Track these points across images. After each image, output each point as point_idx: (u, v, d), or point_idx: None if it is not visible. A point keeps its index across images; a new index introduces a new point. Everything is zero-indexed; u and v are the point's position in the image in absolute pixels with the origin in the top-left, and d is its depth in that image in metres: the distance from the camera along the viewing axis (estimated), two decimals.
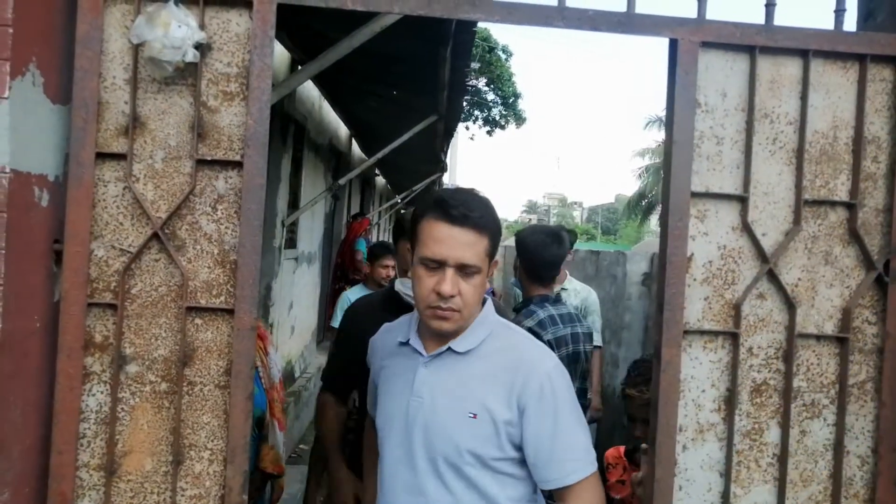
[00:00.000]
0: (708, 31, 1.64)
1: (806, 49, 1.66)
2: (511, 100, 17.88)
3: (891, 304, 1.68)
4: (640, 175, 32.63)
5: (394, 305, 2.24)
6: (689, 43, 1.63)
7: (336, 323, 4.54)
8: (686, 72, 1.64)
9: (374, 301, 2.47)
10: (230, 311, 1.55)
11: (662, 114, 30.08)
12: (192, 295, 1.55)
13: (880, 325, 1.70)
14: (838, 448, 1.69)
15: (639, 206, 32.43)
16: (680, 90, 1.64)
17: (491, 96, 17.74)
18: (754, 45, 1.65)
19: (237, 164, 1.55)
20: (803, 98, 1.68)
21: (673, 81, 1.65)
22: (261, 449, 2.29)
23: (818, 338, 1.70)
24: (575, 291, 4.23)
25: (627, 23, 1.63)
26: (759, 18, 1.70)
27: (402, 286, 2.26)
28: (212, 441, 1.56)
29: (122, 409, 1.54)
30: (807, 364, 1.70)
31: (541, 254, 2.91)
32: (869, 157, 1.71)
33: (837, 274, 1.71)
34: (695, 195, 1.66)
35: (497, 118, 18.30)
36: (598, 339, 4.07)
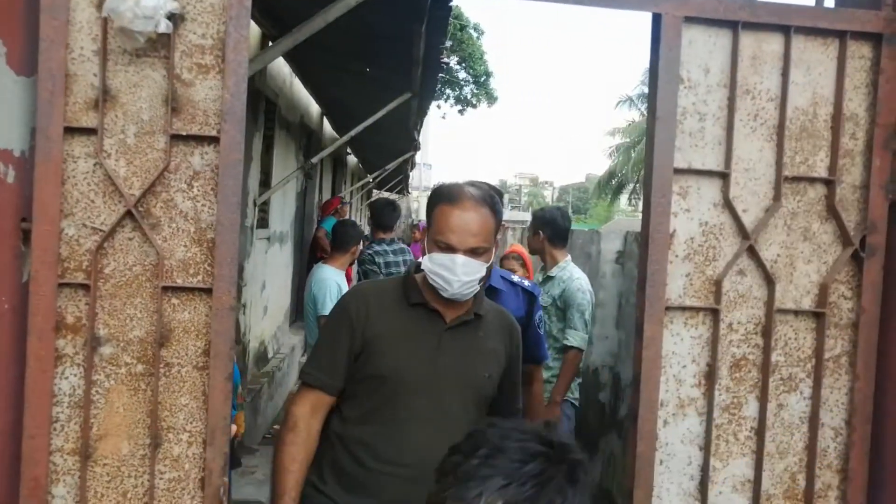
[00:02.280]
0: (692, 6, 1.62)
1: (788, 25, 1.66)
2: (482, 78, 17.82)
3: (866, 280, 1.71)
4: (610, 154, 32.81)
5: (414, 294, 1.82)
6: (672, 17, 1.62)
7: (326, 310, 3.85)
8: (669, 47, 1.62)
9: (386, 287, 1.95)
10: (208, 291, 1.51)
11: (633, 93, 30.30)
12: (168, 274, 1.51)
13: (855, 300, 1.73)
14: (813, 420, 1.73)
15: (609, 186, 32.64)
16: (663, 65, 1.63)
17: (462, 75, 17.66)
18: (737, 20, 1.64)
19: (213, 140, 1.51)
20: (784, 74, 1.69)
21: (656, 57, 1.64)
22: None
23: (796, 313, 1.72)
24: (560, 281, 3.67)
25: None
26: None
27: (431, 262, 1.73)
28: (190, 423, 1.52)
29: (97, 391, 1.50)
30: (785, 339, 1.72)
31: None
32: (847, 134, 1.72)
33: (815, 250, 1.73)
34: (677, 171, 1.66)
35: (468, 97, 18.23)
36: (573, 339, 3.57)
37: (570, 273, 3.72)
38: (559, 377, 3.58)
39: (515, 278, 2.70)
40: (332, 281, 4.01)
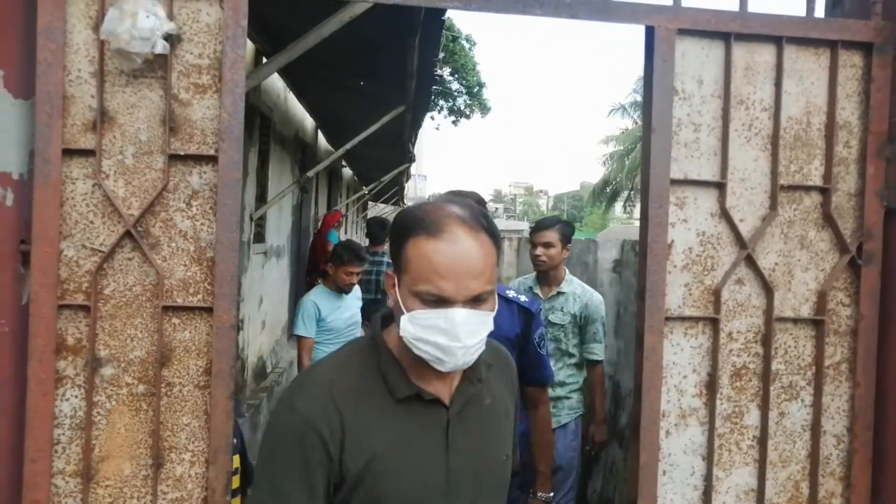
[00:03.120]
0: (684, 18, 1.64)
1: (779, 36, 1.68)
2: (476, 89, 17.88)
3: (864, 286, 1.72)
4: (604, 162, 32.93)
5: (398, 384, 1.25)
6: (665, 30, 1.63)
7: (300, 329, 3.91)
8: (663, 59, 1.64)
9: (351, 371, 1.27)
10: (208, 310, 1.51)
11: (626, 101, 30.43)
12: (169, 294, 1.51)
13: (854, 307, 1.74)
14: (815, 428, 1.73)
15: (603, 194, 32.73)
16: (658, 77, 1.64)
17: (455, 86, 17.72)
18: (729, 31, 1.66)
19: (211, 159, 1.51)
20: (777, 84, 1.70)
21: (650, 69, 1.65)
22: None
23: (795, 321, 1.73)
24: (574, 296, 3.49)
25: (605, 10, 1.62)
26: (735, 7, 1.71)
27: (414, 325, 1.18)
28: (193, 442, 1.52)
29: (98, 413, 1.49)
30: (784, 347, 1.73)
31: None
32: (841, 143, 1.73)
33: (812, 258, 1.74)
34: (674, 182, 1.67)
35: (462, 108, 18.28)
36: (600, 353, 3.53)
37: (582, 287, 3.57)
38: (596, 394, 3.57)
39: (510, 293, 2.35)
40: (309, 301, 4.00)
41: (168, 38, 1.47)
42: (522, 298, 2.39)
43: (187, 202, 1.52)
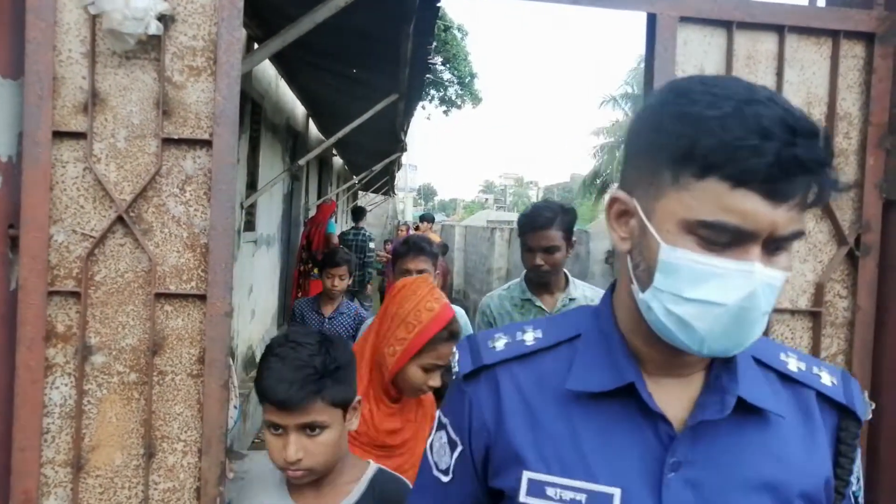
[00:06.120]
0: (687, 6, 1.62)
1: (781, 25, 1.67)
2: (467, 79, 17.81)
3: (861, 278, 1.71)
4: (594, 154, 32.95)
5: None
6: (668, 17, 1.61)
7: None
8: (665, 47, 1.62)
9: None
10: (202, 297, 1.48)
11: (617, 93, 30.40)
12: (161, 281, 1.48)
13: (851, 299, 1.74)
14: None
15: (593, 185, 32.76)
16: (658, 66, 1.62)
17: (447, 76, 17.64)
18: (732, 20, 1.64)
19: (206, 143, 1.48)
20: (779, 74, 1.69)
21: (651, 56, 1.64)
22: None
23: (792, 312, 1.73)
24: (586, 300, 2.49)
25: None
26: None
27: None
28: (185, 432, 1.50)
29: (89, 401, 1.47)
30: (781, 338, 1.72)
31: None
32: (841, 134, 1.72)
33: (811, 249, 1.73)
34: None
35: (453, 98, 18.21)
36: None
37: (593, 290, 2.70)
38: None
39: (794, 364, 0.91)
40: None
41: (162, 18, 1.43)
42: (825, 378, 0.93)
43: (181, 187, 1.49)
